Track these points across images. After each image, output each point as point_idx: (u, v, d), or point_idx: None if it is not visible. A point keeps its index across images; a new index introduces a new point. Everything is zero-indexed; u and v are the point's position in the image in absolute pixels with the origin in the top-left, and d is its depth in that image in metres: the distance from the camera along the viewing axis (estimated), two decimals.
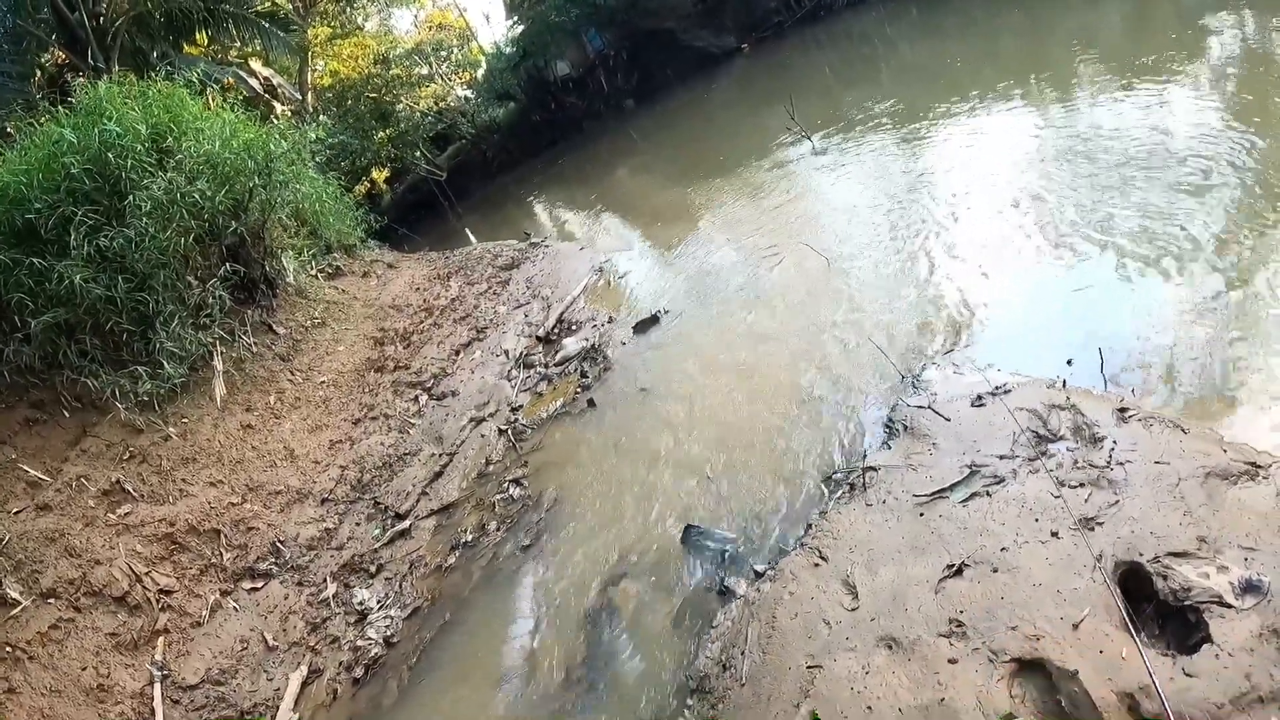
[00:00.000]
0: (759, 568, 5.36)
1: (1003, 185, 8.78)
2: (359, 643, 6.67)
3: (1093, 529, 4.25)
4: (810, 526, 5.41)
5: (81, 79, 10.71)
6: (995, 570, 4.30)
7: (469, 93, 31.91)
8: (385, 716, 5.96)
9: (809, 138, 13.55)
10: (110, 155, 8.89)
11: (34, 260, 8.18)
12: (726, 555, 5.69)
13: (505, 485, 8.04)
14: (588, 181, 21.80)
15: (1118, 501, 4.33)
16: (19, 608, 6.17)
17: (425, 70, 29.01)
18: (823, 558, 5.00)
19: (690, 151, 19.05)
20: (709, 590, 5.51)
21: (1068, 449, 4.86)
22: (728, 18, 30.73)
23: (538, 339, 11.27)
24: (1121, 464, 4.54)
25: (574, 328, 11.23)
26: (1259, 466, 4.25)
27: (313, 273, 12.74)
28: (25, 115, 10.01)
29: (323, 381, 10.37)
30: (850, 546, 4.97)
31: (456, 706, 5.80)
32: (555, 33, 30.35)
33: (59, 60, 16.30)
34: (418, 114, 27.14)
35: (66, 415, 8.03)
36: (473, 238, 20.14)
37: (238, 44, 19.42)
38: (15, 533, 6.62)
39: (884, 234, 9.12)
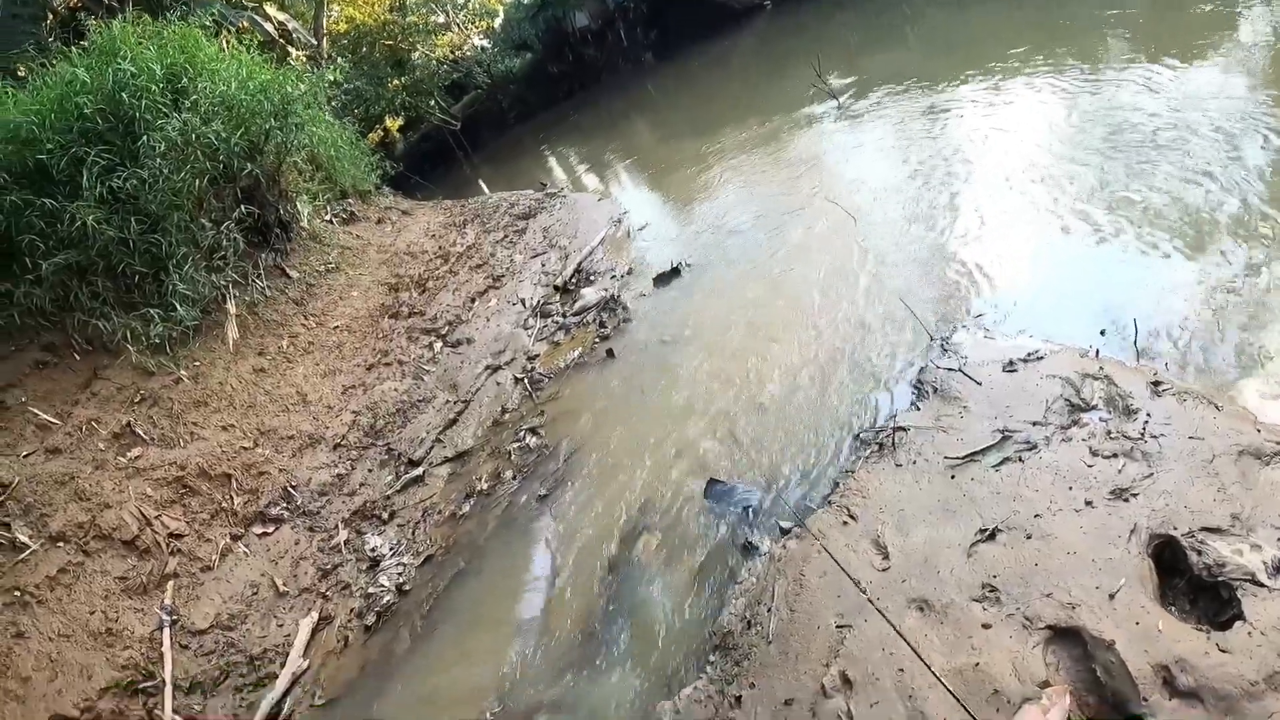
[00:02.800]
0: (785, 524, 5.17)
1: (1028, 154, 8.39)
2: (371, 590, 6.50)
3: (1126, 500, 4.09)
4: (838, 485, 5.21)
5: (95, 20, 10.30)
6: (1029, 536, 4.13)
7: (486, 42, 31.15)
8: (398, 664, 5.78)
9: (835, 96, 13.02)
10: (124, 96, 8.55)
11: (45, 201, 7.88)
12: (750, 510, 5.47)
13: (521, 434, 7.78)
14: (605, 135, 21.30)
15: (1151, 474, 4.17)
16: (28, 551, 6.00)
17: (441, 18, 28.25)
18: (851, 516, 4.82)
19: (710, 107, 18.47)
20: (732, 546, 5.30)
21: (1101, 419, 4.69)
22: None
23: (555, 288, 10.97)
24: (1155, 437, 4.38)
25: (592, 278, 10.91)
26: None
27: (327, 218, 12.44)
28: (37, 56, 9.67)
29: (336, 326, 10.12)
30: (880, 506, 4.78)
31: (470, 656, 5.60)
32: None
33: (71, 3, 15.84)
34: (433, 62, 26.54)
35: (77, 358, 7.80)
36: (486, 188, 19.76)
37: None
38: (24, 476, 6.43)
39: (909, 196, 8.73)
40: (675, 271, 9.69)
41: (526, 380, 8.80)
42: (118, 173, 8.29)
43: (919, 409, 5.48)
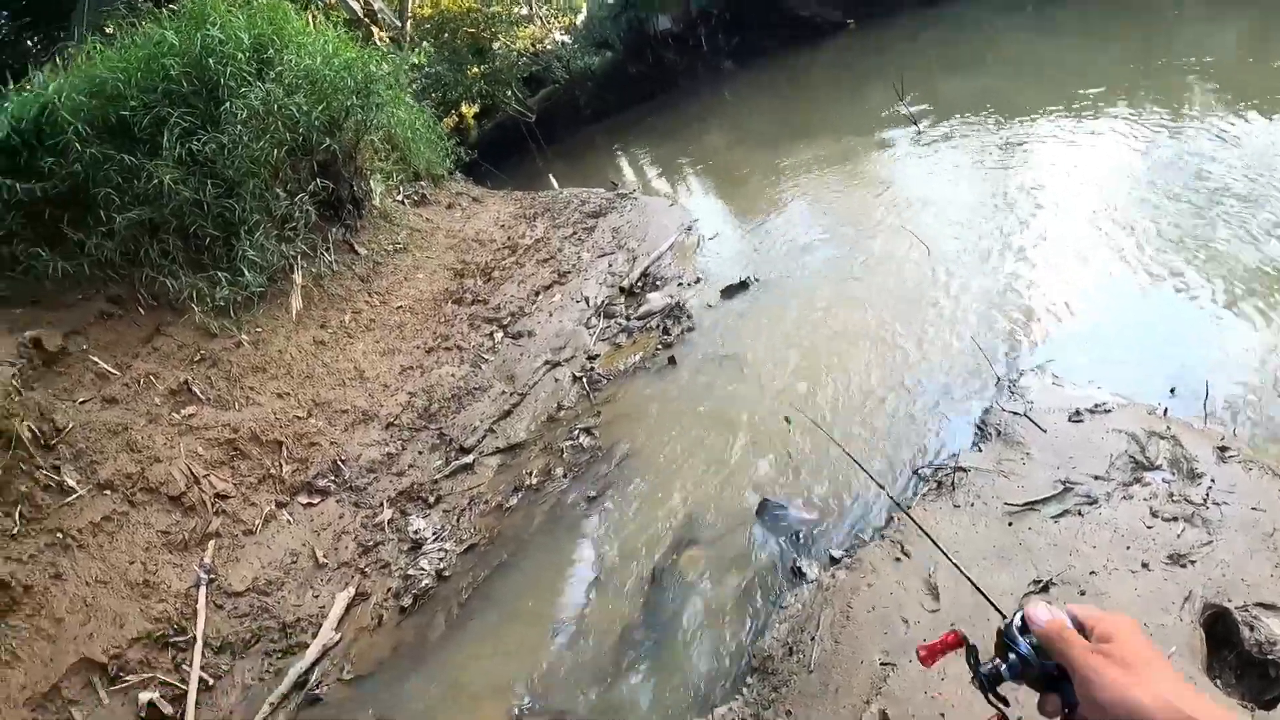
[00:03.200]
0: (835, 553, 4.98)
1: (1106, 196, 8.10)
2: (410, 571, 6.37)
3: (1183, 566, 3.93)
4: (892, 519, 5.05)
5: None
6: (1082, 593, 3.96)
7: (567, 38, 31.36)
8: (431, 649, 5.64)
9: (915, 121, 12.72)
10: (210, 61, 8.67)
11: (125, 157, 8.01)
12: (801, 535, 5.28)
13: (575, 433, 7.62)
14: (678, 139, 21.19)
15: (1211, 542, 4.01)
16: (75, 496, 6.01)
17: (525, 10, 28.53)
18: (905, 553, 4.67)
19: (787, 120, 18.29)
20: (780, 569, 5.10)
21: (1164, 480, 4.52)
22: None
23: (620, 290, 10.83)
24: (1218, 504, 4.22)
25: (659, 283, 10.74)
26: None
27: (399, 198, 12.52)
28: (127, 15, 9.89)
29: (399, 306, 10.12)
30: (930, 553, 4.61)
31: (504, 649, 5.45)
32: None
33: None
34: (513, 53, 26.75)
35: (142, 313, 7.88)
36: (556, 182, 19.80)
37: None
38: (79, 422, 6.46)
39: (983, 229, 8.45)
40: (743, 285, 9.47)
41: (585, 379, 8.65)
42: (198, 136, 8.39)
43: (981, 450, 5.29)
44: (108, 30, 10.78)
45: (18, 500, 5.74)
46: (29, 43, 13.84)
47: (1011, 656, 1.21)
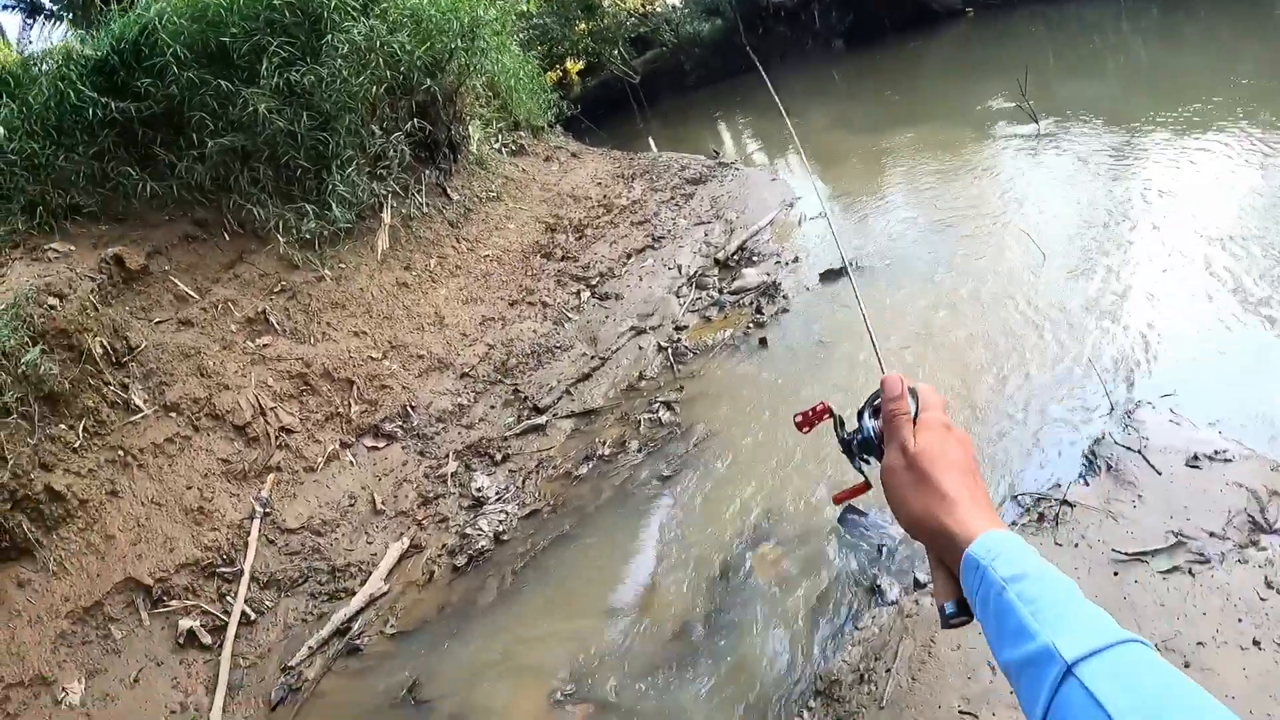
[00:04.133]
0: (920, 576, 4.54)
1: (1229, 226, 7.22)
2: (468, 530, 6.19)
3: None
4: None
5: None
6: (1187, 665, 3.48)
7: (678, 1, 31.06)
8: (478, 614, 5.44)
9: (1035, 119, 11.85)
10: None
11: (222, 83, 8.04)
12: (885, 550, 4.85)
13: (655, 406, 7.31)
14: (780, 115, 20.52)
15: None
16: (140, 415, 6.03)
17: None
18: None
19: (895, 106, 17.49)
20: (859, 584, 4.69)
21: None
22: None
23: (715, 261, 10.45)
24: None
25: (755, 259, 10.31)
26: None
27: (496, 146, 12.37)
28: None
29: (486, 255, 9.97)
30: None
31: (553, 627, 5.20)
32: None
33: None
34: (623, 13, 26.63)
35: (226, 239, 7.91)
36: (654, 145, 19.49)
37: None
38: (153, 342, 6.49)
39: (1099, 242, 7.69)
40: (842, 271, 8.96)
41: (670, 350, 8.32)
42: (296, 67, 8.37)
43: (1088, 485, 4.76)
44: None
45: (83, 414, 5.77)
46: None
47: (859, 434, 1.36)
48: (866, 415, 1.37)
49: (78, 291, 6.21)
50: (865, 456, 1.39)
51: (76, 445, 5.61)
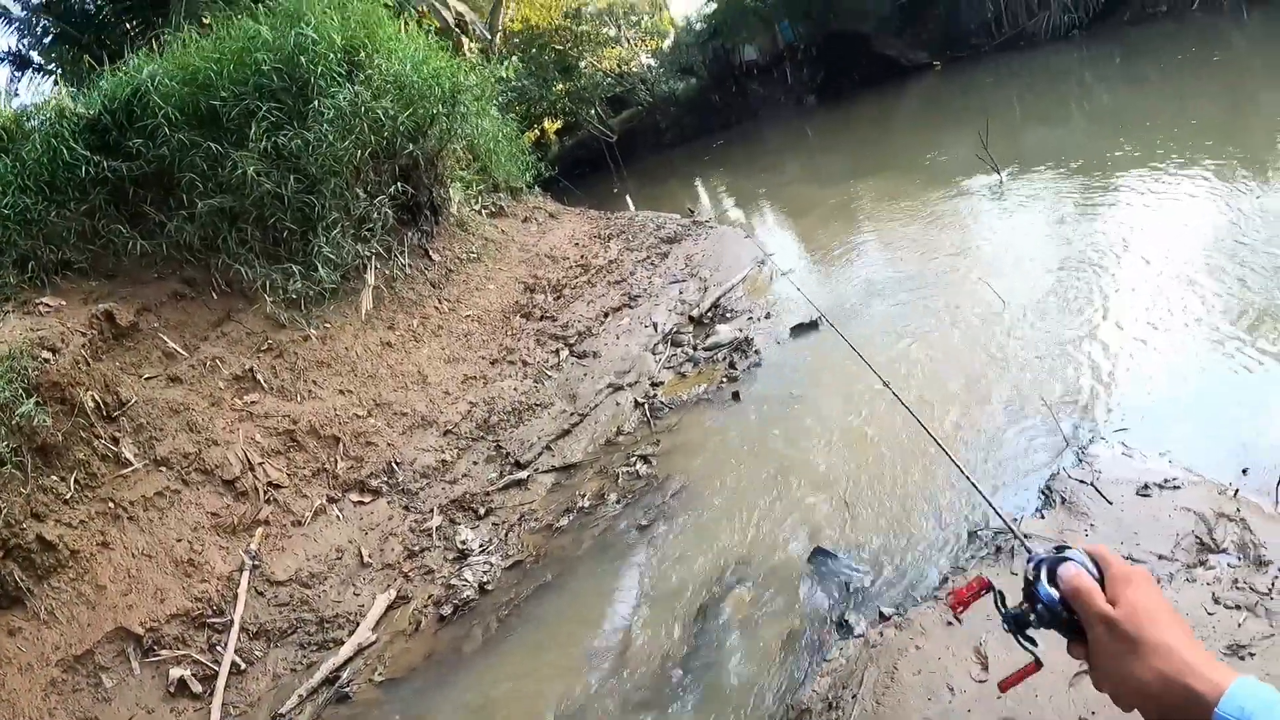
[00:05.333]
0: (885, 610, 4.87)
1: (1186, 260, 7.82)
2: (453, 581, 6.43)
3: (1242, 658, 3.74)
4: (946, 580, 4.94)
5: None
6: None
7: (652, 61, 32.33)
8: (464, 661, 5.66)
9: (997, 170, 12.57)
10: (303, 59, 9.10)
11: (212, 145, 8.46)
12: (851, 587, 5.19)
13: (632, 459, 7.64)
14: (756, 171, 21.47)
15: (1272, 635, 3.82)
16: (130, 469, 6.26)
17: (613, 32, 29.41)
18: (956, 618, 4.43)
19: (865, 160, 18.36)
20: (827, 620, 5.01)
21: (1229, 565, 4.35)
22: (925, 32, 30.13)
23: (690, 319, 10.89)
24: None
25: (728, 315, 10.78)
26: None
27: (476, 207, 12.84)
28: (224, 7, 10.42)
29: (468, 315, 10.34)
30: (989, 614, 4.36)
31: (538, 671, 5.44)
32: (749, 17, 30.56)
33: None
34: (599, 73, 27.66)
35: (214, 297, 8.23)
36: (632, 203, 20.16)
37: None
38: (143, 397, 6.75)
39: (1061, 287, 8.23)
40: (813, 325, 9.39)
41: (647, 406, 8.68)
42: (284, 131, 8.81)
43: (1043, 517, 5.13)
44: (205, 20, 11.40)
45: (75, 466, 6.01)
46: (127, 25, 14.67)
47: (1039, 605, 1.26)
48: (1043, 581, 1.27)
49: (70, 346, 6.49)
50: (1035, 631, 1.33)
51: (68, 496, 5.83)
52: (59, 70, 15.27)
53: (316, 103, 8.99)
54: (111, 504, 5.99)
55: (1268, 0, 20.56)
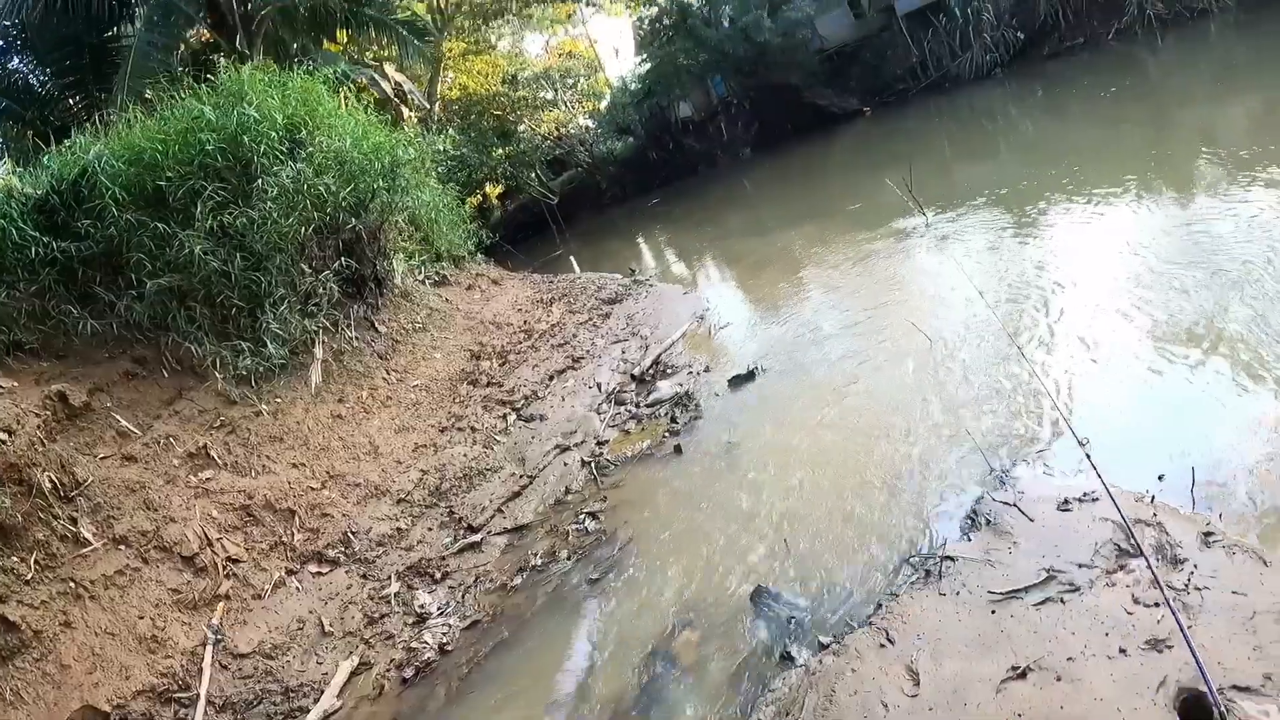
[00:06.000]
0: (824, 639, 5.25)
1: (1109, 283, 8.56)
2: (414, 644, 6.67)
3: (1161, 651, 4.15)
4: (880, 606, 5.31)
5: (225, 60, 11.39)
6: (1059, 679, 4.19)
7: (590, 122, 33.31)
8: None
9: (923, 212, 13.41)
10: (245, 138, 9.39)
11: (159, 225, 8.70)
12: (793, 621, 5.57)
13: (581, 516, 8.01)
14: (696, 225, 22.27)
15: (1191, 627, 4.19)
16: (90, 548, 6.40)
17: (550, 95, 30.30)
18: (889, 640, 4.94)
19: (802, 208, 19.27)
20: (771, 654, 5.37)
21: (1147, 566, 4.72)
22: (853, 80, 31.87)
23: (632, 377, 11.32)
24: (1199, 589, 4.45)
25: (669, 371, 11.24)
26: None
27: (420, 278, 13.16)
28: (168, 86, 10.70)
29: (415, 385, 10.62)
30: (918, 633, 4.90)
31: None
32: (681, 75, 31.76)
33: (203, 38, 17.37)
34: (538, 137, 28.41)
35: (165, 375, 8.41)
36: (576, 264, 20.67)
37: (375, 47, 20.65)
38: (99, 477, 6.91)
39: (986, 320, 8.85)
40: (750, 375, 9.90)
41: (593, 465, 9.04)
42: (230, 210, 9.08)
43: (970, 540, 5.56)
44: (147, 96, 11.65)
45: (34, 547, 6.15)
46: (70, 101, 14.82)
47: None
48: None
49: (25, 427, 6.65)
50: None
51: (29, 577, 5.96)
52: (4, 145, 15.31)
53: (260, 181, 9.28)
54: (72, 583, 6.12)
55: (1181, 25, 22.23)
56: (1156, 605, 4.40)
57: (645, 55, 33.48)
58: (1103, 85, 19.76)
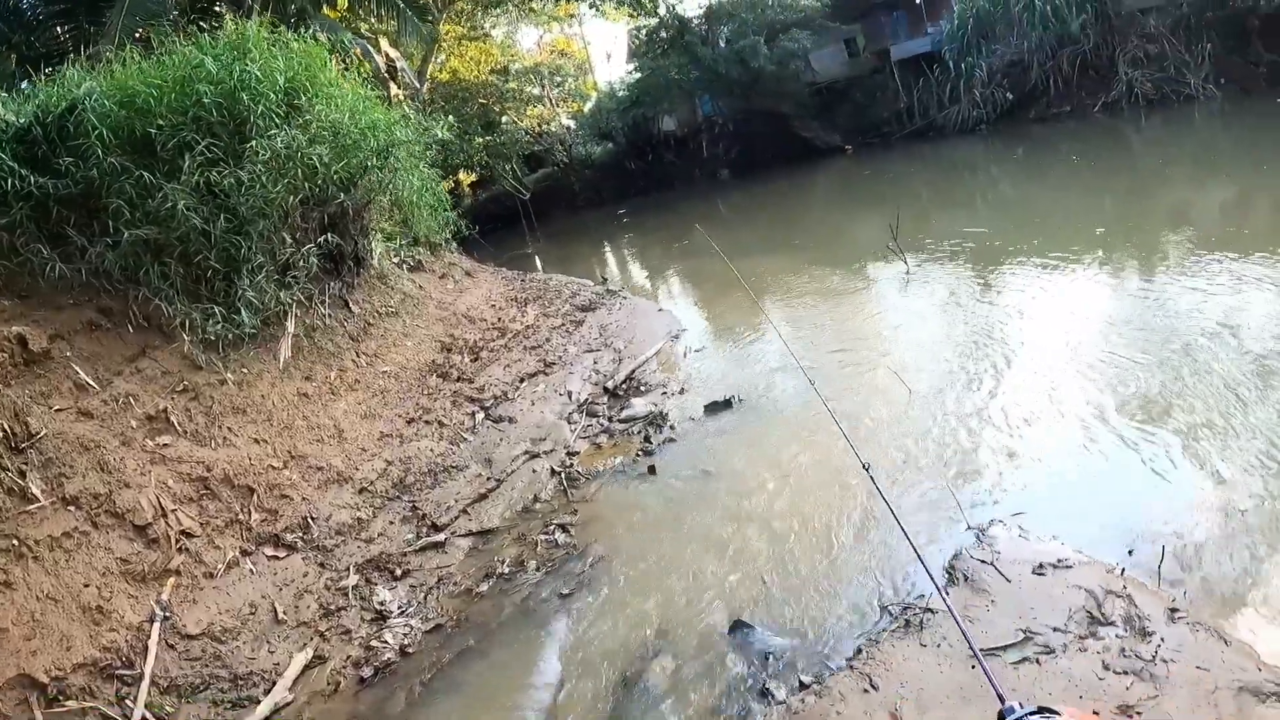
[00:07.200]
0: (804, 678, 5.26)
1: (1081, 348, 8.88)
2: (373, 642, 6.44)
3: (1130, 717, 4.33)
4: (860, 651, 5.36)
5: (231, 14, 11.06)
6: None
7: (572, 123, 33.36)
8: None
9: (905, 259, 13.60)
10: (244, 96, 9.12)
11: (144, 174, 8.37)
12: (771, 658, 5.54)
13: (551, 528, 7.86)
14: (667, 241, 22.33)
15: (1157, 696, 4.44)
16: (37, 505, 6.07)
17: (537, 90, 30.32)
18: (873, 685, 4.99)
19: (779, 238, 19.58)
20: (749, 690, 5.33)
21: (1117, 636, 5.00)
22: (839, 117, 32.68)
23: (605, 389, 11.23)
24: (1165, 661, 4.67)
25: (643, 389, 11.17)
26: None
27: (396, 260, 12.89)
28: (170, 32, 10.36)
29: (385, 371, 10.37)
30: (901, 681, 4.98)
31: None
32: (671, 89, 32.21)
33: None
34: (520, 130, 28.28)
35: (130, 331, 8.07)
36: (540, 264, 20.57)
37: (373, 19, 20.41)
38: (52, 430, 6.56)
39: (961, 373, 9.12)
40: (727, 404, 9.88)
41: (563, 475, 8.92)
42: (219, 168, 8.78)
43: (948, 593, 5.61)
44: (138, 35, 11.25)
45: None
46: (58, 29, 14.33)
47: None
48: None
49: None
50: None
51: None
52: None
53: (254, 142, 8.99)
54: (15, 541, 5.78)
55: (1167, 106, 23.02)
56: (1126, 673, 4.59)
57: (637, 64, 33.78)
58: (1085, 154, 20.42)
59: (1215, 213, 13.43)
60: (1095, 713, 4.28)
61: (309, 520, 7.67)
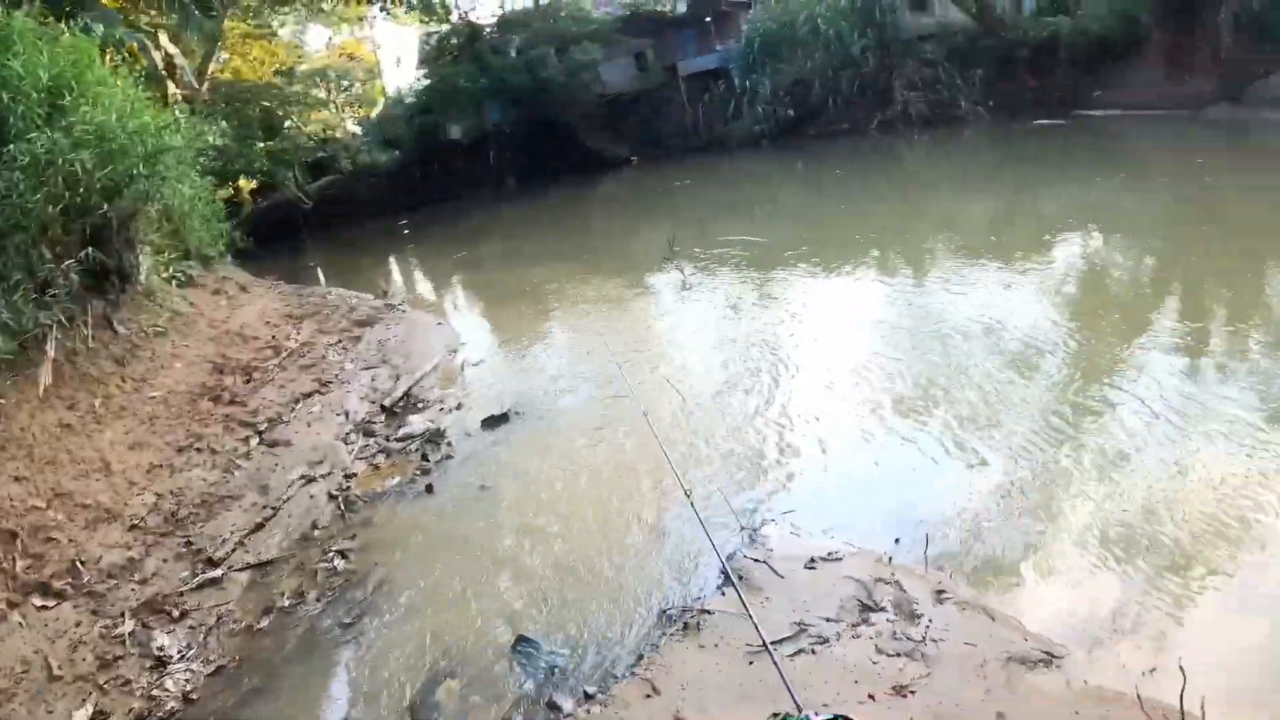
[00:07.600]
0: (589, 689, 5.64)
1: (849, 347, 10.06)
2: (154, 692, 6.48)
3: (905, 696, 4.84)
4: (642, 657, 5.80)
5: None
6: None
7: (358, 129, 32.50)
8: None
9: (682, 271, 14.68)
10: (4, 94, 8.64)
11: None
12: (556, 670, 5.95)
13: (330, 555, 8.07)
14: (453, 250, 22.62)
15: (929, 674, 4.97)
16: None
17: (323, 94, 29.34)
18: (655, 690, 5.37)
19: (562, 248, 20.40)
20: (536, 703, 5.72)
21: (888, 620, 5.56)
22: (628, 129, 34.02)
23: (382, 408, 11.45)
24: (935, 641, 5.25)
25: (420, 405, 11.50)
26: (1054, 656, 5.07)
27: (165, 275, 12.42)
28: None
29: (153, 396, 10.09)
30: (682, 683, 5.38)
31: None
32: (460, 97, 32.10)
33: None
34: (303, 135, 27.33)
35: None
36: (323, 277, 20.17)
37: (153, 11, 19.12)
38: None
39: (734, 380, 10.06)
40: (504, 417, 10.37)
41: (341, 499, 9.11)
42: None
43: (724, 594, 6.23)
44: None
45: None
46: None
47: None
48: None
49: None
50: None
51: None
52: None
53: (12, 146, 8.52)
54: None
55: (939, 126, 25.66)
56: (898, 655, 5.18)
57: (426, 71, 33.49)
58: (859, 169, 22.47)
59: (978, 223, 15.30)
60: (871, 696, 4.81)
61: (78, 565, 7.49)
